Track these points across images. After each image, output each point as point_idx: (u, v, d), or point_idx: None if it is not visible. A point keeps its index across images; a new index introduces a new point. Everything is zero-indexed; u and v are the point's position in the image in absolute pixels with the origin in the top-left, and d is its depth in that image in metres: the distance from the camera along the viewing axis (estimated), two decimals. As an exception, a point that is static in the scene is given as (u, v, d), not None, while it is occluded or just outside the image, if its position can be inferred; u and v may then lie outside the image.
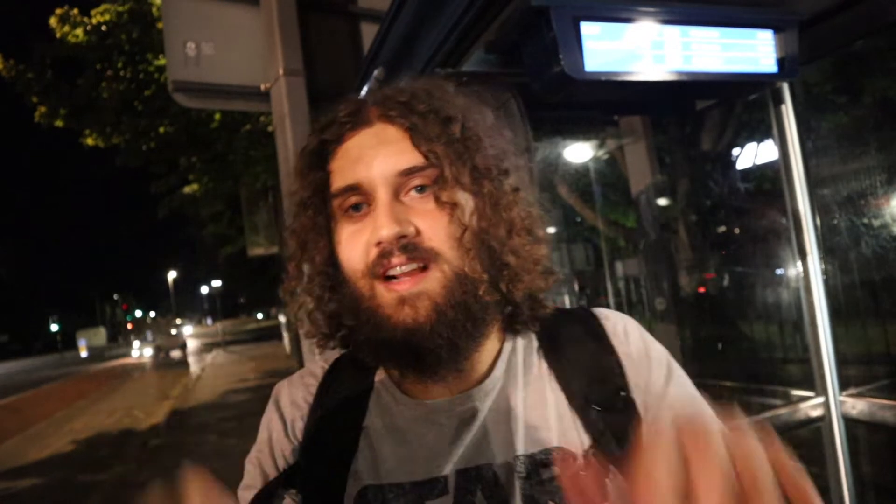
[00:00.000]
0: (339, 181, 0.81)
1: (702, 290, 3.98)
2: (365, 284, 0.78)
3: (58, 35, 9.48)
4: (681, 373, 0.87)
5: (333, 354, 0.96)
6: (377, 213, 0.76)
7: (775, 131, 2.36)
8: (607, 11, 1.68)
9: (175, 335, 35.82)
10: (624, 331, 0.89)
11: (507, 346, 0.88)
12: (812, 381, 2.25)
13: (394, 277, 0.76)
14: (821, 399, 2.20)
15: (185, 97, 2.79)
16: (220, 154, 10.55)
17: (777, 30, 1.98)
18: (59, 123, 9.86)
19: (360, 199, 0.79)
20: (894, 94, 5.03)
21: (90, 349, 50.81)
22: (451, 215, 0.77)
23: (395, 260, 0.75)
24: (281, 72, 2.74)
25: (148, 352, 36.50)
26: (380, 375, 0.89)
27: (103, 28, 9.43)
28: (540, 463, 0.78)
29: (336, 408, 0.87)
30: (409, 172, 0.77)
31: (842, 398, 2.19)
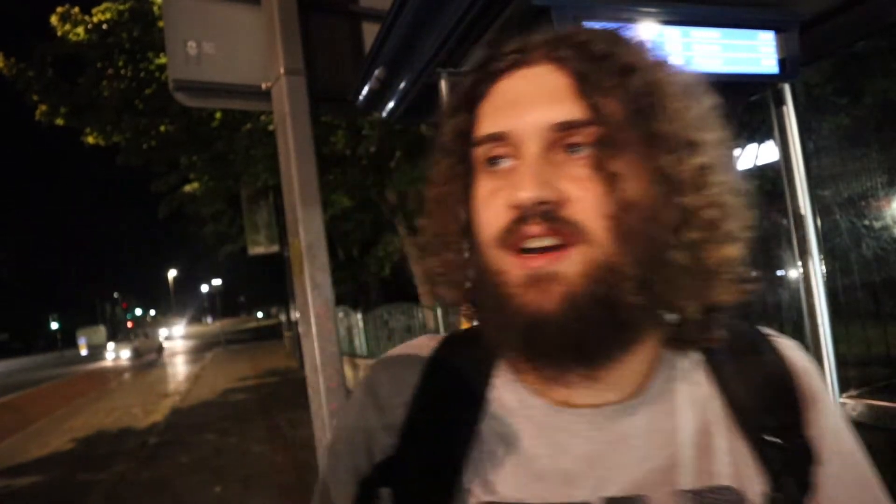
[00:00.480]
0: (484, 127, 0.69)
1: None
2: (495, 255, 0.66)
3: (59, 33, 9.49)
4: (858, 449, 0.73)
5: (431, 340, 0.83)
6: (520, 171, 0.64)
7: (776, 132, 2.36)
8: (608, 11, 1.68)
9: (150, 339, 36.10)
10: (808, 363, 0.76)
11: (666, 356, 0.73)
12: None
13: (528, 251, 0.63)
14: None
15: (186, 96, 2.79)
16: (221, 153, 10.56)
17: (778, 30, 1.98)
18: (59, 122, 9.87)
19: (504, 151, 0.67)
20: (895, 95, 5.03)
21: (90, 347, 50.84)
22: (610, 187, 0.62)
23: (530, 229, 0.62)
24: (282, 71, 2.74)
25: (125, 354, 36.52)
26: (504, 366, 0.75)
27: (104, 26, 9.43)
28: (706, 502, 0.65)
29: (446, 401, 0.74)
30: (565, 127, 0.64)
31: (842, 400, 2.19)
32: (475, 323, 0.79)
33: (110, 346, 40.24)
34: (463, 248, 0.75)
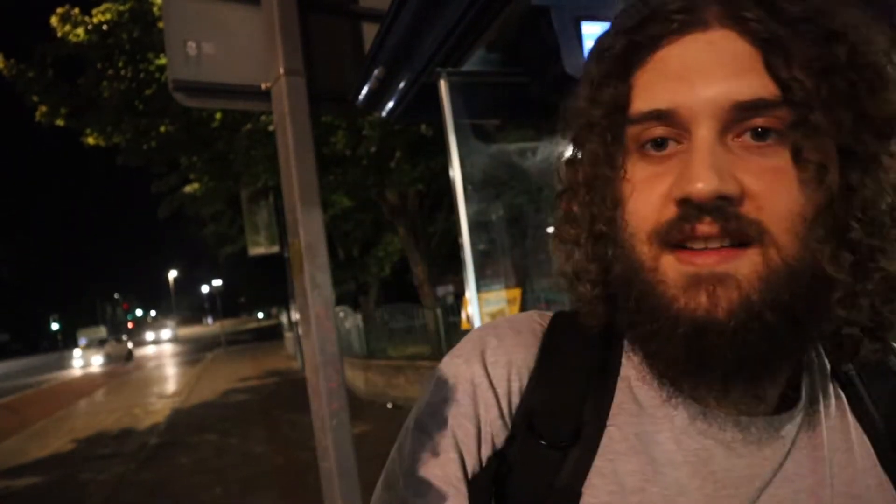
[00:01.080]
0: (643, 102, 0.57)
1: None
2: (647, 252, 0.57)
3: (59, 34, 9.48)
4: None
5: (542, 317, 0.72)
6: (691, 157, 0.53)
7: None
8: (608, 11, 1.68)
9: (120, 344, 36.32)
10: None
11: (805, 364, 0.65)
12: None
13: (691, 248, 0.54)
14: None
15: (186, 96, 2.79)
16: (221, 153, 10.56)
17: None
18: (59, 123, 9.87)
19: (667, 133, 0.56)
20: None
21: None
22: (809, 181, 0.52)
23: (702, 227, 0.52)
24: (281, 71, 2.74)
25: (97, 360, 36.25)
26: (631, 360, 0.65)
27: (104, 27, 9.42)
28: None
29: (570, 390, 0.63)
30: (752, 107, 0.52)
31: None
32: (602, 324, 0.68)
33: (77, 352, 39.20)
34: (603, 239, 0.64)
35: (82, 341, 49.39)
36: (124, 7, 9.38)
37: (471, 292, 2.57)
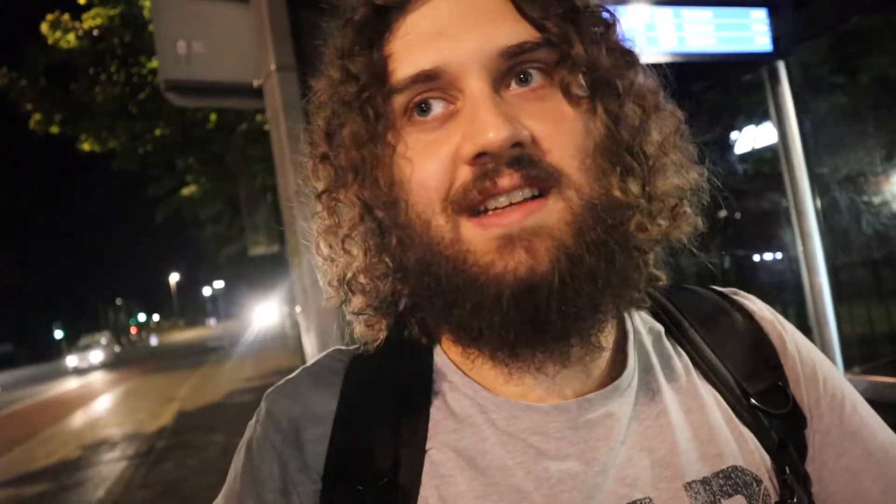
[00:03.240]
0: (404, 68, 0.54)
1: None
2: (444, 223, 0.53)
3: (50, 41, 9.46)
4: (859, 396, 0.65)
5: (343, 354, 0.68)
6: (474, 111, 0.50)
7: (773, 111, 2.35)
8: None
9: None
10: (773, 314, 0.68)
11: (629, 326, 0.63)
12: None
13: (493, 210, 0.51)
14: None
15: (178, 96, 2.78)
16: (217, 154, 10.55)
17: (771, 8, 1.96)
18: (54, 130, 9.85)
19: (437, 94, 0.53)
20: (892, 73, 5.01)
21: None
22: (583, 115, 0.53)
23: (503, 181, 0.49)
24: (273, 67, 2.72)
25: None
26: (443, 371, 0.61)
27: (95, 33, 9.40)
28: (720, 491, 0.54)
29: (381, 422, 0.57)
30: (517, 51, 0.52)
31: (847, 377, 2.19)
32: (387, 328, 0.64)
33: (70, 359, 37.62)
34: (379, 229, 0.60)
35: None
36: (114, 11, 9.35)
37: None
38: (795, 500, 0.55)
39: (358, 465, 0.55)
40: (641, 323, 0.65)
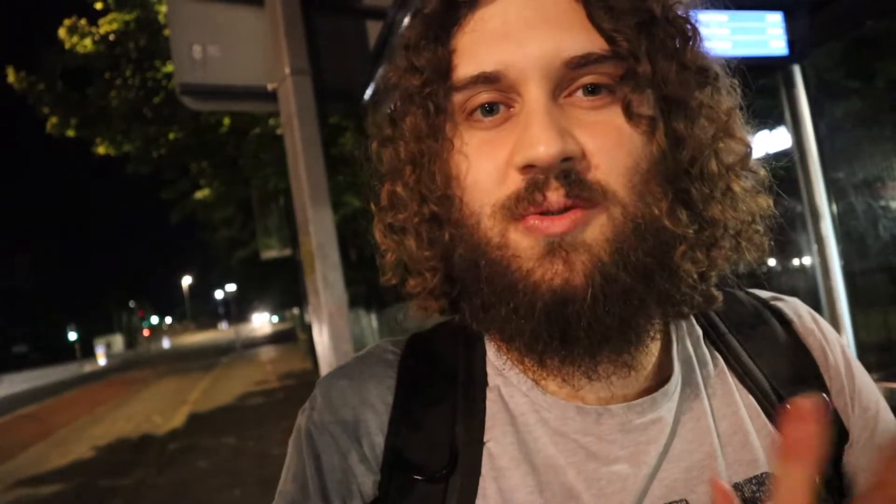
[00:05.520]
0: (467, 65, 0.54)
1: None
2: (493, 226, 0.53)
3: (67, 46, 9.57)
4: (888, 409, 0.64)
5: (395, 346, 0.68)
6: (528, 120, 0.50)
7: (788, 116, 2.34)
8: None
9: None
10: (814, 322, 0.66)
11: (673, 332, 0.62)
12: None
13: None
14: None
15: (193, 100, 2.80)
16: (230, 158, 10.61)
17: (786, 11, 1.95)
18: (70, 133, 9.95)
19: (496, 97, 0.53)
20: (908, 77, 4.97)
21: (108, 356, 51.36)
22: (644, 135, 0.51)
23: (551, 195, 0.49)
24: (287, 71, 2.74)
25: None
26: (498, 364, 0.61)
27: (111, 37, 9.50)
28: (752, 497, 0.55)
29: (438, 414, 0.58)
30: (582, 62, 0.50)
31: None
32: (442, 313, 0.64)
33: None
34: (436, 220, 0.59)
35: (99, 349, 49.82)
36: (130, 16, 9.45)
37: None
38: None
39: (416, 456, 0.56)
40: (686, 326, 0.65)
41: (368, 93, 2.69)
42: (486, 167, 0.53)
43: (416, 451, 0.57)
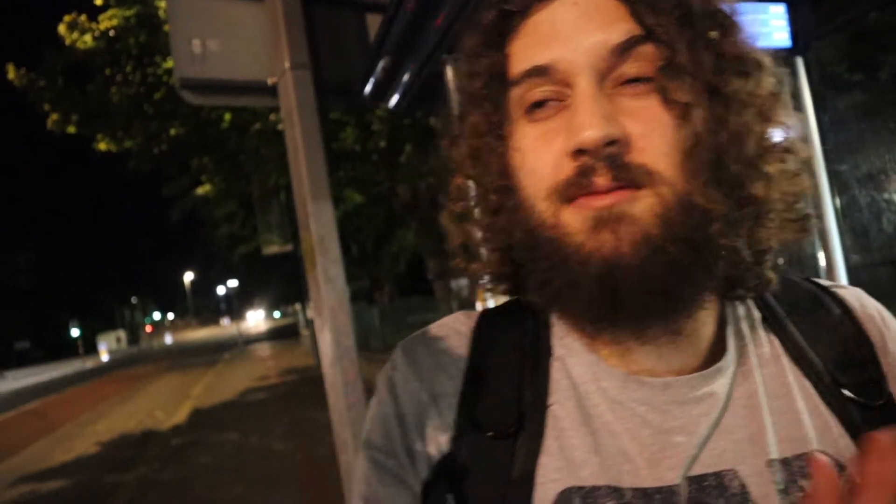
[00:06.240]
0: (521, 64, 0.60)
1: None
2: (547, 208, 0.58)
3: (67, 42, 9.57)
4: None
5: (468, 317, 0.73)
6: (577, 108, 0.55)
7: (790, 108, 2.32)
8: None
9: None
10: (876, 310, 0.68)
11: (729, 313, 0.66)
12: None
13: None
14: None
15: (193, 94, 2.79)
16: (232, 154, 10.62)
17: (789, 3, 1.94)
18: (71, 130, 9.96)
19: (548, 91, 0.58)
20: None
21: (110, 353, 51.50)
22: (681, 119, 0.55)
23: (598, 180, 0.54)
24: (287, 65, 2.73)
25: None
26: (562, 337, 0.66)
27: (111, 33, 9.50)
28: (799, 472, 0.57)
29: (504, 377, 0.64)
30: (626, 48, 0.55)
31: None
32: (505, 294, 0.71)
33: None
34: (505, 208, 0.65)
35: (102, 346, 49.96)
36: (130, 12, 9.45)
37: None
38: None
39: (487, 416, 0.62)
40: (742, 308, 0.68)
41: (369, 87, 2.68)
42: (541, 157, 0.59)
43: (487, 411, 0.62)
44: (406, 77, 2.51)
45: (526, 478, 0.58)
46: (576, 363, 0.64)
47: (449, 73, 2.22)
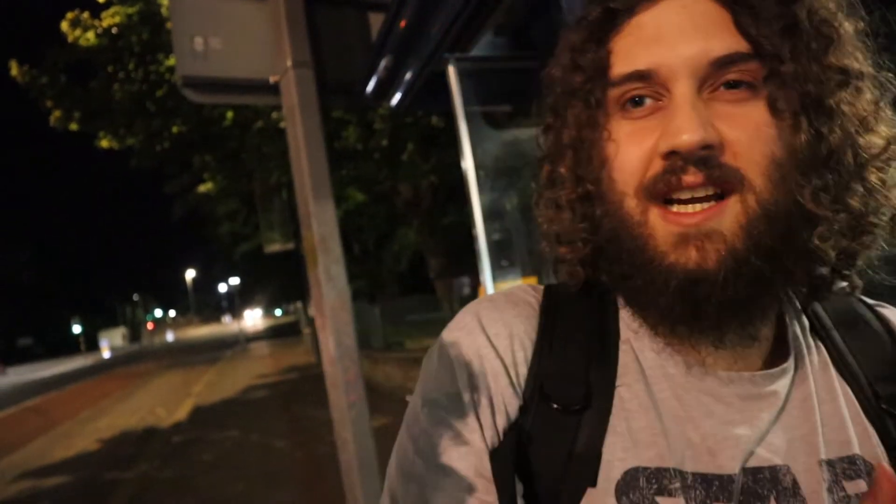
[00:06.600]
0: (623, 64, 0.61)
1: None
2: (635, 206, 0.60)
3: (70, 39, 9.57)
4: None
5: (535, 289, 0.75)
6: (674, 112, 0.57)
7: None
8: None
9: None
10: None
11: (788, 320, 0.68)
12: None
13: (677, 202, 0.58)
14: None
15: (195, 92, 2.79)
16: (233, 152, 10.62)
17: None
18: (73, 127, 9.96)
19: (647, 91, 0.60)
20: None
21: (112, 349, 51.53)
22: (780, 128, 0.57)
23: (688, 178, 0.56)
24: (289, 64, 2.73)
25: None
26: (629, 320, 0.68)
27: (114, 30, 9.50)
28: (843, 474, 0.60)
29: (575, 355, 0.65)
30: (726, 62, 0.56)
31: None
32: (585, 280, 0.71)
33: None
34: (596, 197, 0.67)
35: (104, 343, 50.00)
36: (132, 10, 9.45)
37: (486, 282, 2.55)
38: None
39: (556, 390, 0.63)
40: (794, 315, 0.70)
41: (371, 86, 2.68)
42: (634, 153, 0.60)
43: (557, 385, 0.63)
44: (408, 76, 2.50)
45: (592, 454, 0.60)
46: (643, 348, 0.66)
47: (451, 71, 2.22)
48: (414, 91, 2.57)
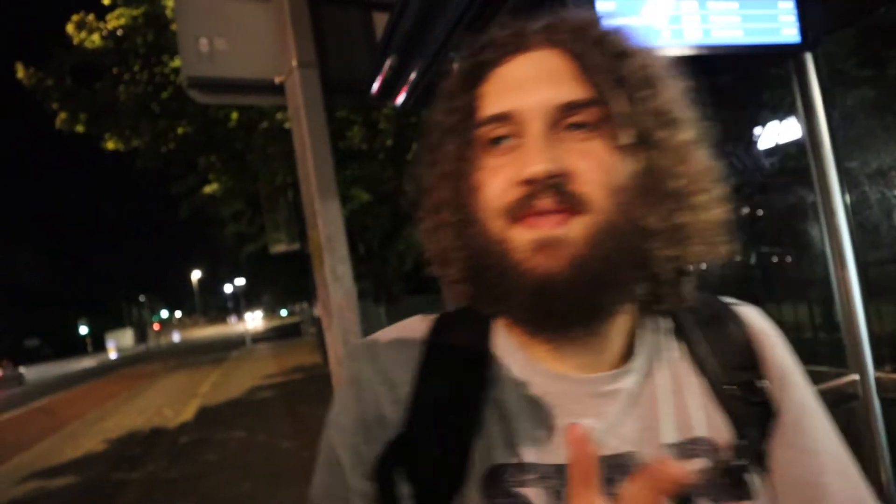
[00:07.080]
0: (488, 108, 0.74)
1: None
2: (498, 226, 0.71)
3: (75, 41, 9.59)
4: (818, 409, 0.80)
5: (424, 320, 0.85)
6: (527, 148, 0.69)
7: (800, 105, 2.30)
8: (623, -15, 1.64)
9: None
10: (765, 325, 0.84)
11: (645, 322, 0.80)
12: (843, 361, 2.20)
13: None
14: (855, 377, 2.15)
15: (200, 93, 2.79)
16: (239, 153, 10.62)
17: (799, -2, 1.92)
18: (79, 129, 9.97)
19: (508, 131, 0.72)
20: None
21: (118, 350, 51.70)
22: (617, 160, 0.69)
23: (541, 202, 0.67)
24: (294, 64, 2.73)
25: None
26: (502, 339, 0.79)
27: (119, 32, 9.51)
28: (688, 453, 0.72)
29: (453, 374, 0.76)
30: (571, 107, 0.69)
31: (877, 376, 2.14)
32: (464, 302, 0.82)
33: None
34: (467, 224, 0.76)
35: (110, 343, 50.17)
36: (138, 11, 9.46)
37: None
38: (745, 463, 0.72)
39: (436, 402, 0.74)
40: (657, 319, 0.81)
41: (376, 85, 2.68)
42: (497, 182, 0.71)
43: (436, 398, 0.74)
44: (413, 75, 2.50)
45: (464, 453, 0.70)
46: (512, 361, 0.77)
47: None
48: (419, 90, 2.57)
